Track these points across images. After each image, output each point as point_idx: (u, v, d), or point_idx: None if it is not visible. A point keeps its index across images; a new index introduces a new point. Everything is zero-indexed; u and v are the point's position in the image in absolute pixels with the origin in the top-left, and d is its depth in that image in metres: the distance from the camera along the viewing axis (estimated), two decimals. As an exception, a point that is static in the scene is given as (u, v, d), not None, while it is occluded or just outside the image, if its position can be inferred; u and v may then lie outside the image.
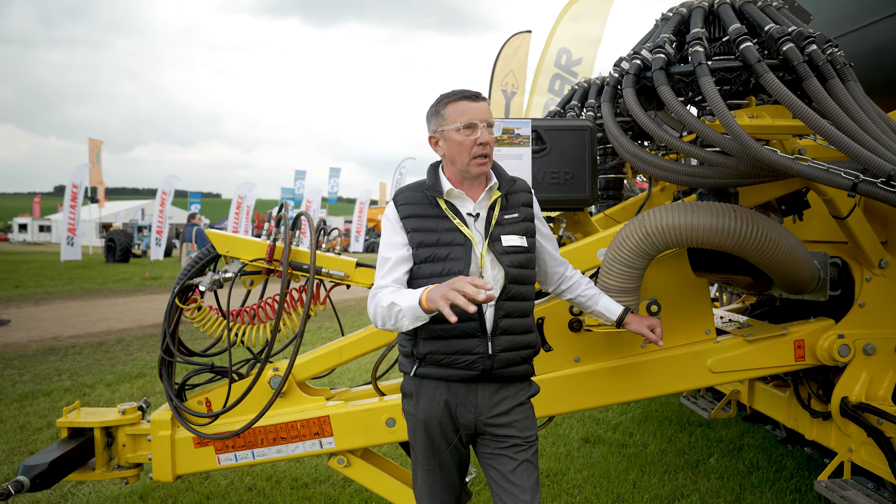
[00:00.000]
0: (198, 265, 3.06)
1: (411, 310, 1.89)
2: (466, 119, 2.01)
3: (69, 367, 7.22)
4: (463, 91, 2.06)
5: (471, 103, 2.03)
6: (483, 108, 2.04)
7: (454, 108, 2.03)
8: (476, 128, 2.02)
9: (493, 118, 2.08)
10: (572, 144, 2.92)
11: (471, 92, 2.05)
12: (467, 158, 2.03)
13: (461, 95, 2.05)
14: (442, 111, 2.05)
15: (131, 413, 3.09)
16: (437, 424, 2.08)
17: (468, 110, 2.02)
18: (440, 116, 2.06)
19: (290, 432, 2.98)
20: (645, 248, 2.43)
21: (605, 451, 4.55)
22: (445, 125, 2.04)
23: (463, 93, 2.05)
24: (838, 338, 2.87)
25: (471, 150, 2.02)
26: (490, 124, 2.05)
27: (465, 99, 2.04)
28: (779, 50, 2.15)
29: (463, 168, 2.06)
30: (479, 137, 2.02)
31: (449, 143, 2.05)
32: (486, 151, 2.04)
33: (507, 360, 2.04)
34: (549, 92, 11.43)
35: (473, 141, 2.02)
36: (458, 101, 2.04)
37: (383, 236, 2.14)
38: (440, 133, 2.06)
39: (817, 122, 2.01)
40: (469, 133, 2.01)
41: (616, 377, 2.90)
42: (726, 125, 2.04)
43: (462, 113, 2.02)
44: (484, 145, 2.03)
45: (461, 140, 2.02)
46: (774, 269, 2.51)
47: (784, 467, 4.14)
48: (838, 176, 2.04)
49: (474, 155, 2.03)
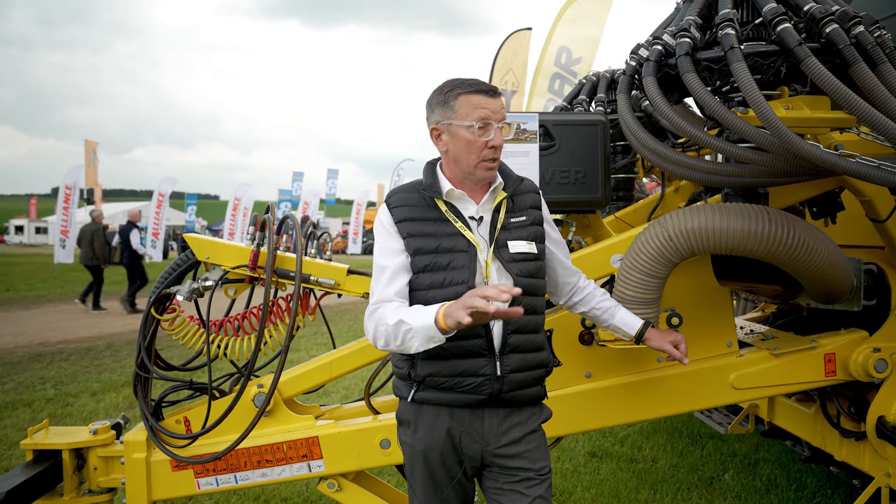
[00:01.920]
0: (175, 272, 2.82)
1: (424, 330, 1.62)
2: (481, 116, 1.75)
3: (54, 374, 6.96)
4: (479, 83, 1.78)
5: (488, 99, 1.76)
6: (500, 106, 1.78)
7: (468, 101, 1.76)
8: (491, 128, 1.76)
9: (507, 118, 1.82)
10: (583, 140, 2.67)
11: (488, 85, 1.78)
12: (475, 160, 1.78)
13: (477, 88, 1.77)
14: (452, 102, 1.77)
15: (104, 433, 2.84)
16: (439, 456, 1.82)
17: (485, 106, 1.75)
18: (448, 107, 1.78)
19: (275, 455, 2.74)
20: (667, 254, 2.19)
21: (614, 466, 4.30)
22: (454, 119, 1.77)
23: (479, 84, 1.77)
24: (874, 351, 2.63)
25: (481, 152, 1.76)
26: (505, 125, 1.80)
27: (482, 93, 1.76)
28: (820, 32, 1.90)
29: (468, 170, 1.80)
30: (491, 139, 1.76)
31: (456, 139, 1.78)
32: (496, 155, 1.79)
33: (517, 382, 1.79)
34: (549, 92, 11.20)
35: (485, 143, 1.76)
36: (474, 95, 1.76)
37: (377, 242, 1.88)
38: (446, 126, 1.79)
39: (870, 113, 1.77)
40: (482, 133, 1.75)
41: (631, 394, 2.66)
42: (764, 118, 1.80)
43: (477, 108, 1.75)
44: (495, 149, 1.78)
45: (471, 139, 1.76)
46: (810, 278, 2.27)
47: (805, 485, 3.90)
48: (892, 174, 1.80)
49: (484, 158, 1.77)
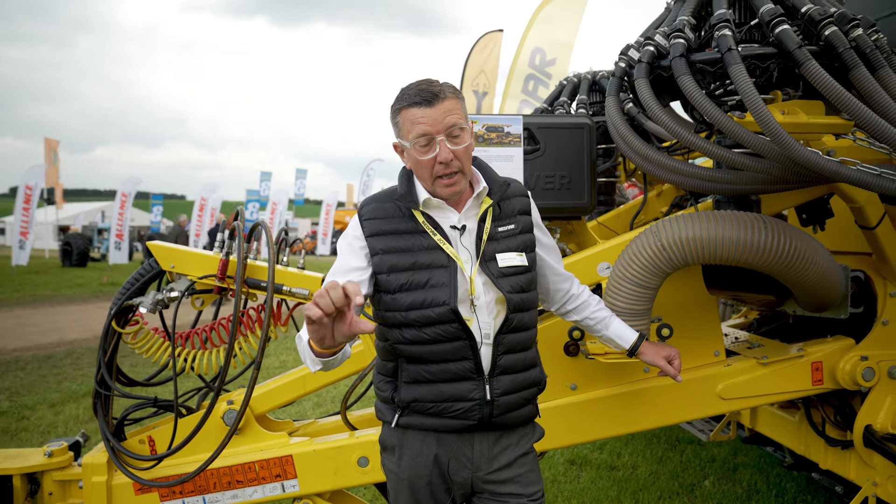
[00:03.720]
0: (138, 283, 2.65)
1: (304, 348, 1.51)
2: (420, 133, 1.59)
3: (10, 385, 6.63)
4: (415, 93, 1.59)
5: (425, 110, 1.58)
6: (440, 114, 1.58)
7: (406, 117, 1.61)
8: (433, 143, 1.59)
9: (462, 119, 1.62)
10: (569, 144, 2.58)
11: (426, 93, 1.58)
12: (429, 178, 1.64)
13: (411, 101, 1.60)
14: (397, 118, 1.64)
15: (60, 455, 2.66)
16: (426, 485, 1.71)
17: (421, 120, 1.58)
18: (396, 125, 1.66)
19: (247, 475, 2.59)
20: (660, 264, 2.10)
21: (594, 474, 4.24)
22: (402, 137, 1.64)
23: (414, 95, 1.59)
24: (861, 360, 2.59)
25: (431, 169, 1.62)
26: (457, 131, 1.60)
27: (416, 105, 1.58)
28: (819, 34, 1.84)
29: (429, 188, 1.68)
30: (437, 154, 1.60)
31: (409, 158, 1.66)
32: (450, 170, 1.62)
33: (508, 405, 1.69)
34: (522, 94, 11.17)
35: (433, 159, 1.60)
36: (411, 108, 1.60)
37: (338, 255, 1.74)
38: (400, 144, 1.67)
39: (873, 119, 1.71)
40: (426, 150, 1.60)
41: (618, 406, 2.59)
42: (764, 124, 1.72)
43: (415, 123, 1.59)
44: (446, 163, 1.61)
45: (417, 158, 1.62)
46: (804, 288, 2.21)
47: (785, 490, 3.88)
48: (894, 182, 1.74)
49: (436, 174, 1.62)
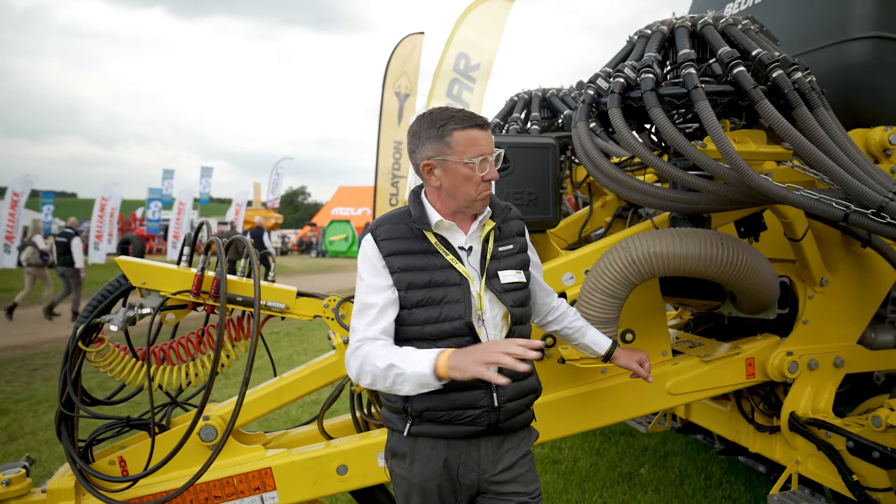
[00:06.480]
0: (106, 300, 2.58)
1: (417, 377, 1.62)
2: (478, 152, 1.76)
3: None
4: (473, 117, 1.78)
5: (482, 133, 1.78)
6: (491, 139, 1.81)
7: (463, 137, 1.76)
8: (487, 163, 1.79)
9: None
10: (535, 163, 2.76)
11: (480, 118, 1.79)
12: (474, 194, 1.80)
13: (472, 122, 1.77)
14: (447, 137, 1.76)
15: (18, 482, 2.53)
16: (436, 488, 1.83)
17: (479, 141, 1.77)
18: (443, 143, 1.76)
19: (225, 490, 2.59)
20: (630, 276, 2.32)
21: (539, 469, 4.46)
22: (450, 154, 1.76)
23: (473, 119, 1.78)
24: (787, 355, 2.94)
25: (478, 186, 1.79)
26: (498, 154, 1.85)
27: (477, 127, 1.77)
28: (767, 76, 2.11)
29: (467, 203, 1.82)
30: (488, 173, 1.79)
31: (452, 174, 1.78)
32: (491, 188, 1.84)
33: (512, 411, 1.84)
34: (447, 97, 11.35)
35: (482, 177, 1.79)
36: (469, 129, 1.76)
37: (363, 277, 1.84)
38: (440, 162, 1.78)
39: (812, 152, 1.99)
40: (482, 169, 1.78)
41: (580, 405, 2.79)
42: (726, 154, 1.97)
43: (473, 144, 1.76)
44: (490, 182, 1.82)
45: (469, 175, 1.77)
46: (748, 294, 2.50)
47: (712, 473, 4.27)
48: (830, 206, 2.03)
49: (481, 192, 1.80)
